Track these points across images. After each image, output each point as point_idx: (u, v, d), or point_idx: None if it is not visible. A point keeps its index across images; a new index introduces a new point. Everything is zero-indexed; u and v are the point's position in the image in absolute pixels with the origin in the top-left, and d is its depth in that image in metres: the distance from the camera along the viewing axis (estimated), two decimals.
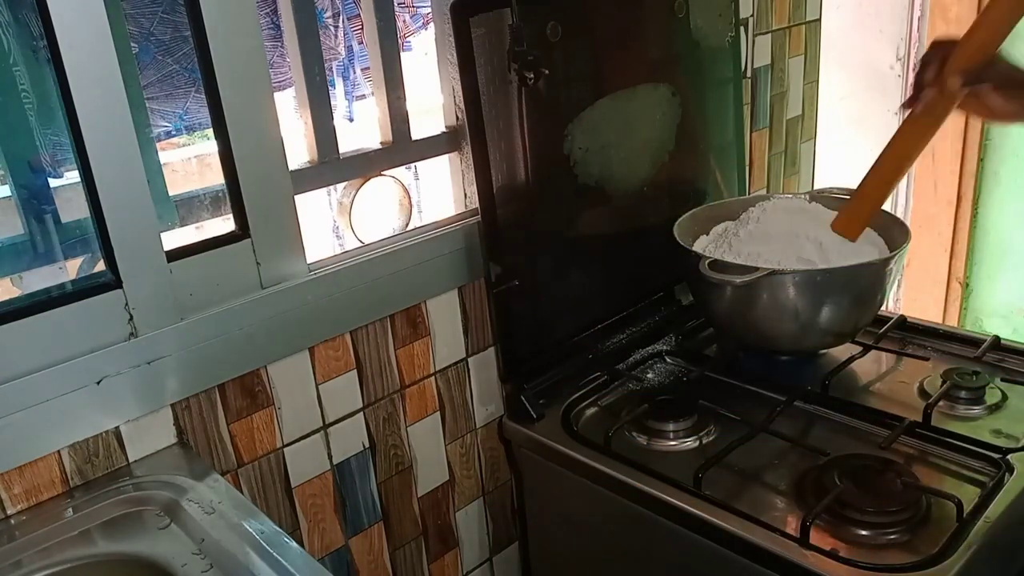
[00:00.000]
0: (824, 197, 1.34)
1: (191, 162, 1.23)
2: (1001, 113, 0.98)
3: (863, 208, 1.18)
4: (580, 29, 1.19)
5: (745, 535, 0.93)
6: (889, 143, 1.10)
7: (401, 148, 1.20)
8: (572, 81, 1.20)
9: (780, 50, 1.69)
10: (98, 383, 0.89)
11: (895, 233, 1.23)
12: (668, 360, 1.34)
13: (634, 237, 1.36)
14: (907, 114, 1.04)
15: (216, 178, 0.99)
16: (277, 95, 1.01)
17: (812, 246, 1.19)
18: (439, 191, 1.33)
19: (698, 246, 1.29)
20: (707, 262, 1.14)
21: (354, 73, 1.70)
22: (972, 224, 2.32)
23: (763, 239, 1.23)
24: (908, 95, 1.03)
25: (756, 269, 1.11)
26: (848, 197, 1.22)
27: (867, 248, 1.21)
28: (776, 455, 1.08)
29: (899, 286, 2.44)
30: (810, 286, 1.14)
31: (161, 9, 1.04)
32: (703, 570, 1.01)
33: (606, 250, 1.33)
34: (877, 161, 1.14)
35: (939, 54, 0.98)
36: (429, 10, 1.34)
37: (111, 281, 0.90)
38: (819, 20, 1.77)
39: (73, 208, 0.92)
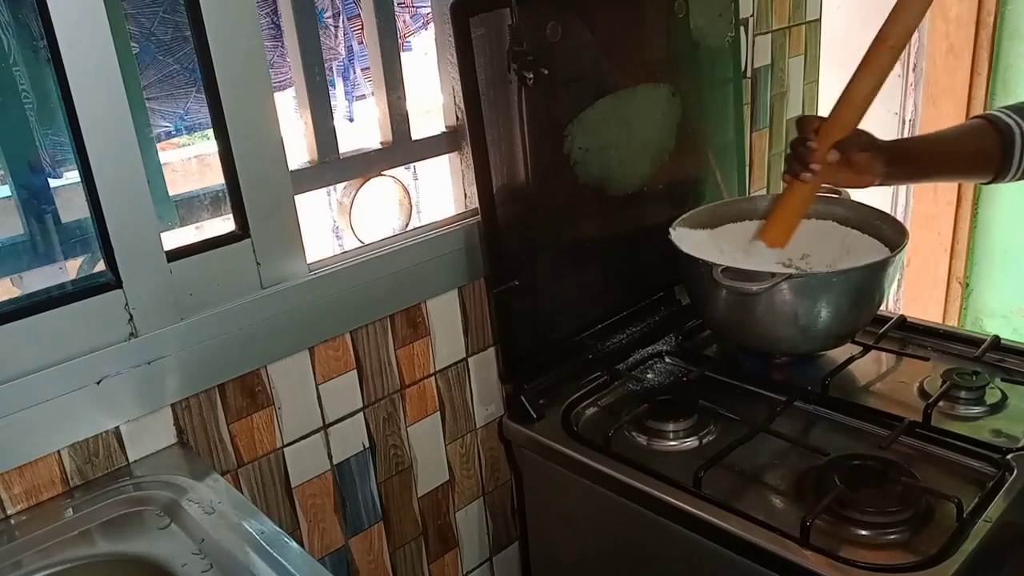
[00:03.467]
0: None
1: (191, 162, 1.23)
2: (864, 170, 1.14)
3: (788, 220, 1.24)
4: (580, 29, 1.19)
5: (745, 535, 0.93)
6: (783, 195, 1.23)
7: (401, 148, 1.20)
8: (572, 81, 1.20)
9: (780, 50, 1.69)
10: (98, 383, 0.89)
11: (895, 233, 1.23)
12: (668, 360, 1.34)
13: (634, 237, 1.36)
14: (792, 183, 1.20)
15: (216, 178, 0.99)
16: (277, 95, 1.01)
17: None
18: (439, 191, 1.33)
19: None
20: (720, 269, 1.13)
21: (354, 73, 1.70)
22: (972, 224, 2.32)
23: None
24: (789, 167, 1.19)
25: (772, 275, 1.11)
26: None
27: (868, 250, 1.22)
28: (776, 455, 1.08)
29: (899, 286, 2.44)
30: (809, 289, 1.13)
31: (162, 9, 1.04)
32: (703, 570, 1.01)
33: (606, 250, 1.33)
34: (780, 198, 1.25)
35: (811, 128, 1.15)
36: (429, 10, 1.34)
37: (111, 281, 0.90)
38: (819, 20, 1.77)
39: (73, 208, 0.92)
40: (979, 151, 1.14)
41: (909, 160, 1.18)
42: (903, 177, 1.23)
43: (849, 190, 1.33)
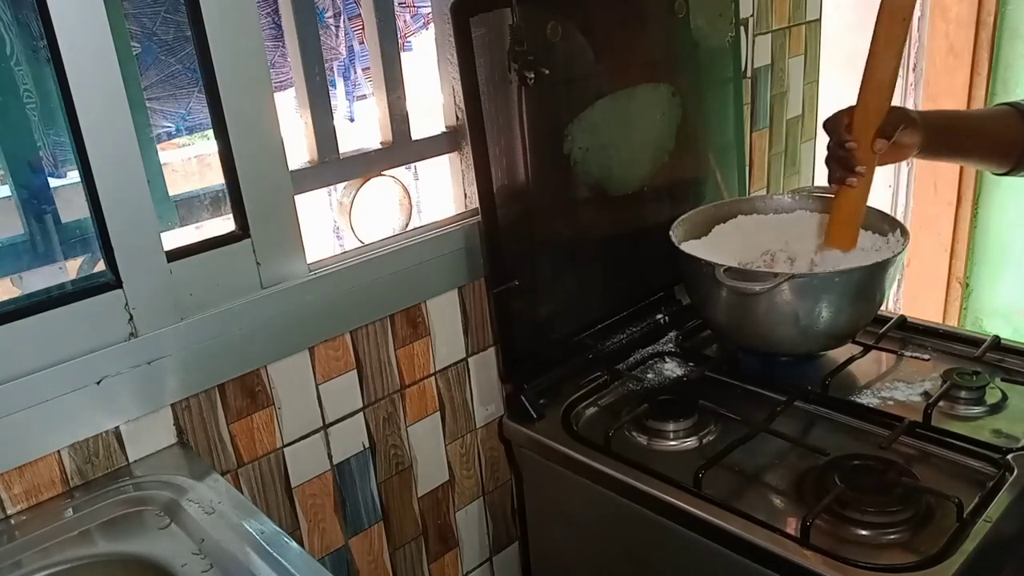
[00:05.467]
0: (802, 197, 1.37)
1: (191, 162, 1.23)
2: (905, 148, 1.10)
3: (849, 222, 1.20)
4: (580, 29, 1.19)
5: (745, 535, 0.93)
6: (837, 199, 1.18)
7: (401, 148, 1.20)
8: (572, 81, 1.20)
9: (780, 50, 1.69)
10: (98, 383, 0.89)
11: (895, 233, 1.23)
12: (668, 360, 1.34)
13: (634, 237, 1.36)
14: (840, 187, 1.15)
15: (216, 178, 0.99)
16: (277, 95, 1.01)
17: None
18: (439, 191, 1.33)
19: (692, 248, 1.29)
20: (723, 269, 1.13)
21: (355, 73, 1.70)
22: (972, 224, 2.32)
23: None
24: (833, 174, 1.13)
25: (774, 275, 1.11)
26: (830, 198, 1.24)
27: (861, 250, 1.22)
28: (776, 455, 1.08)
29: (899, 286, 2.44)
30: (810, 290, 1.13)
31: (164, 9, 1.04)
32: (703, 570, 1.01)
33: (606, 250, 1.33)
34: (835, 202, 1.19)
35: (842, 126, 1.10)
36: (429, 10, 1.33)
37: (111, 281, 0.90)
38: (819, 20, 1.77)
39: (73, 208, 0.92)
40: (1005, 137, 1.13)
41: (941, 133, 1.13)
42: (933, 151, 1.16)
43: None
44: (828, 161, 1.14)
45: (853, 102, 1.11)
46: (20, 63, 0.86)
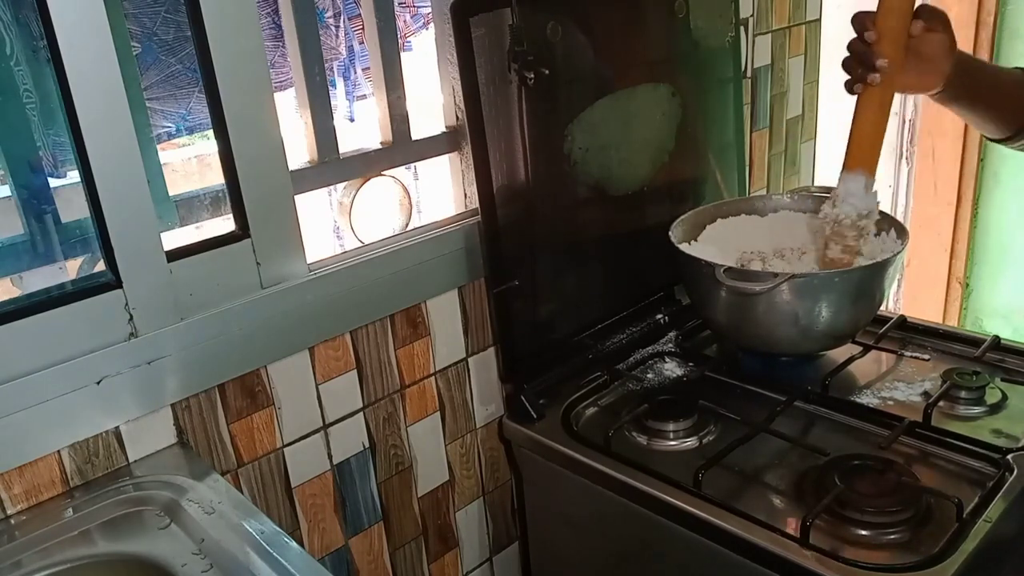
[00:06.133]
0: (802, 196, 1.37)
1: (191, 162, 1.23)
2: (933, 60, 1.03)
3: (869, 140, 1.13)
4: (580, 29, 1.19)
5: (745, 535, 0.93)
6: (856, 112, 1.10)
7: (401, 148, 1.20)
8: (572, 81, 1.20)
9: (780, 50, 1.69)
10: (98, 383, 0.89)
11: (895, 233, 1.23)
12: (668, 360, 1.34)
13: (634, 237, 1.36)
14: (861, 93, 1.07)
15: (216, 178, 0.99)
16: (277, 95, 1.01)
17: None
18: (439, 191, 1.33)
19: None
20: (723, 269, 1.13)
21: (355, 73, 1.70)
22: (972, 224, 2.32)
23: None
24: (851, 72, 1.06)
25: (774, 275, 1.11)
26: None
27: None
28: (776, 455, 1.08)
29: (899, 286, 2.44)
30: (810, 289, 1.13)
31: (164, 9, 1.04)
32: (703, 570, 1.01)
33: (606, 250, 1.33)
34: (854, 118, 1.12)
35: (868, 21, 1.03)
36: (429, 10, 1.33)
37: (111, 281, 0.90)
38: (819, 20, 1.77)
39: (73, 208, 0.92)
40: (1017, 100, 1.10)
41: (966, 72, 1.07)
42: (952, 90, 1.07)
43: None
44: (846, 61, 1.07)
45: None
46: (20, 63, 0.87)
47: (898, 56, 1.03)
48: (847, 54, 1.07)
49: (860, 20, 1.04)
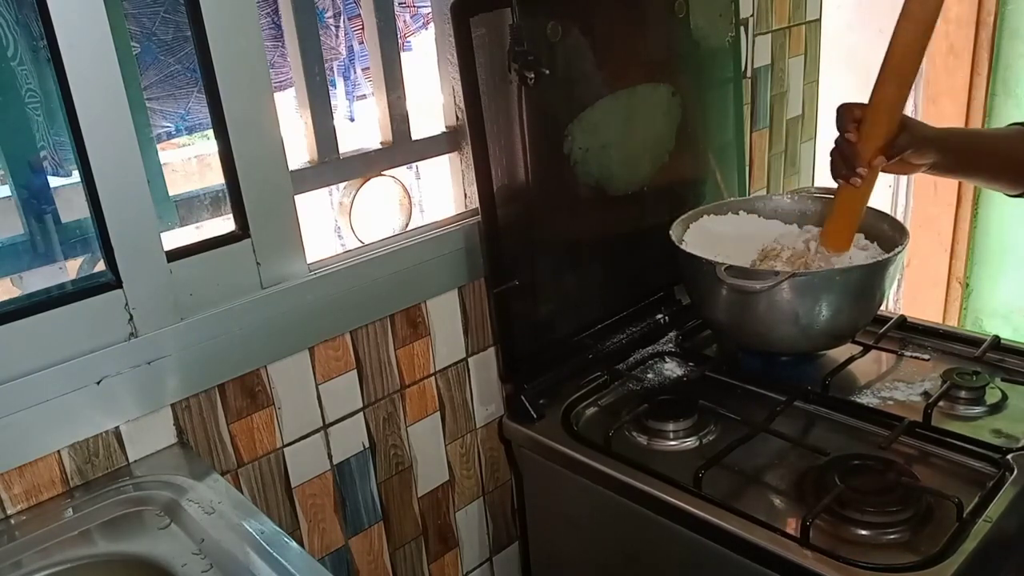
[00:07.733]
0: (802, 197, 1.37)
1: (191, 162, 1.23)
2: (916, 167, 1.09)
3: (846, 223, 1.19)
4: (580, 29, 1.19)
5: (745, 535, 0.93)
6: (836, 196, 1.17)
7: (401, 148, 1.20)
8: (572, 81, 1.20)
9: (780, 50, 1.69)
10: (98, 383, 0.89)
11: (895, 233, 1.23)
12: (668, 360, 1.34)
13: (634, 237, 1.36)
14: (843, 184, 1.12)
15: (216, 178, 0.99)
16: (277, 95, 1.01)
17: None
18: (439, 191, 1.33)
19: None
20: (723, 267, 1.13)
21: (355, 73, 1.70)
22: (972, 224, 2.32)
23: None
24: (835, 168, 1.10)
25: (775, 274, 1.11)
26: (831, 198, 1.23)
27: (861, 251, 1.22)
28: (776, 455, 1.08)
29: (899, 286, 2.44)
30: (810, 289, 1.13)
31: (163, 9, 1.04)
32: (703, 570, 1.01)
33: (606, 250, 1.33)
34: (835, 200, 1.18)
35: (850, 120, 1.07)
36: (429, 10, 1.34)
37: (111, 281, 0.90)
38: (819, 20, 1.77)
39: (73, 208, 0.92)
40: (1019, 159, 1.12)
41: (956, 154, 1.11)
42: (945, 169, 1.13)
43: None
44: (833, 154, 1.11)
45: (851, 101, 1.10)
46: (24, 63, 0.87)
47: (880, 153, 1.06)
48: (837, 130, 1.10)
49: (845, 118, 1.07)
